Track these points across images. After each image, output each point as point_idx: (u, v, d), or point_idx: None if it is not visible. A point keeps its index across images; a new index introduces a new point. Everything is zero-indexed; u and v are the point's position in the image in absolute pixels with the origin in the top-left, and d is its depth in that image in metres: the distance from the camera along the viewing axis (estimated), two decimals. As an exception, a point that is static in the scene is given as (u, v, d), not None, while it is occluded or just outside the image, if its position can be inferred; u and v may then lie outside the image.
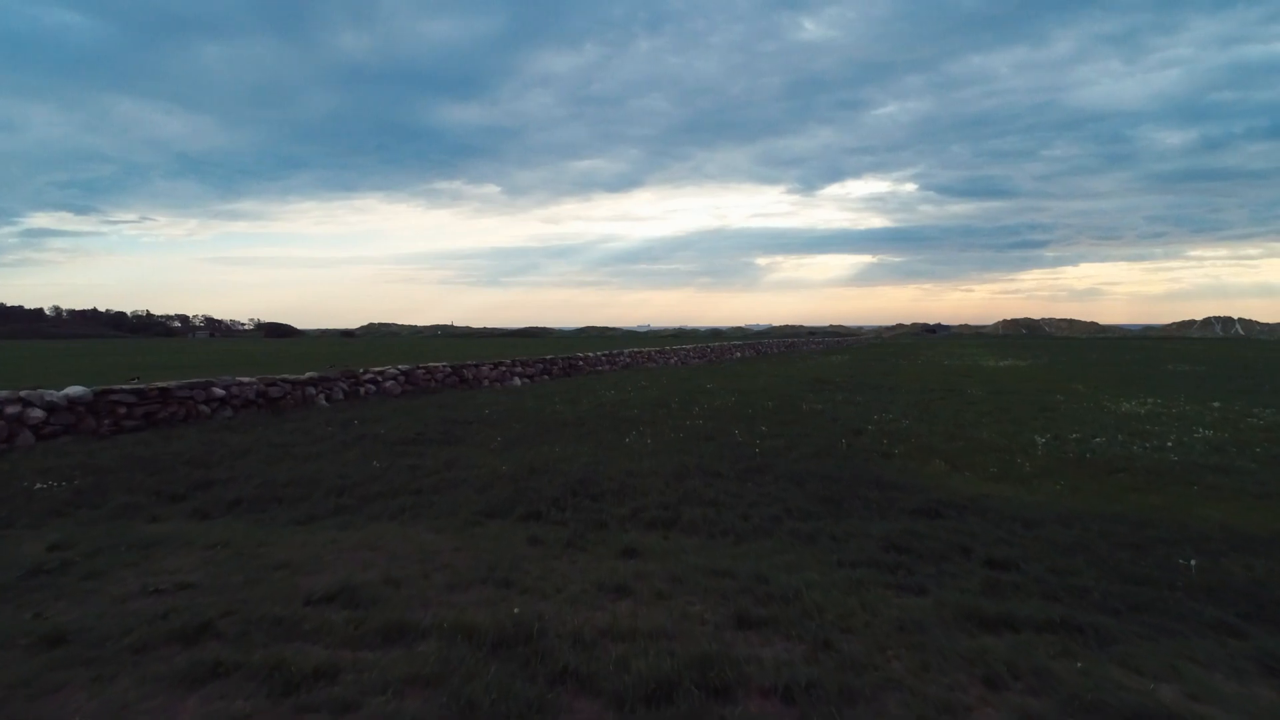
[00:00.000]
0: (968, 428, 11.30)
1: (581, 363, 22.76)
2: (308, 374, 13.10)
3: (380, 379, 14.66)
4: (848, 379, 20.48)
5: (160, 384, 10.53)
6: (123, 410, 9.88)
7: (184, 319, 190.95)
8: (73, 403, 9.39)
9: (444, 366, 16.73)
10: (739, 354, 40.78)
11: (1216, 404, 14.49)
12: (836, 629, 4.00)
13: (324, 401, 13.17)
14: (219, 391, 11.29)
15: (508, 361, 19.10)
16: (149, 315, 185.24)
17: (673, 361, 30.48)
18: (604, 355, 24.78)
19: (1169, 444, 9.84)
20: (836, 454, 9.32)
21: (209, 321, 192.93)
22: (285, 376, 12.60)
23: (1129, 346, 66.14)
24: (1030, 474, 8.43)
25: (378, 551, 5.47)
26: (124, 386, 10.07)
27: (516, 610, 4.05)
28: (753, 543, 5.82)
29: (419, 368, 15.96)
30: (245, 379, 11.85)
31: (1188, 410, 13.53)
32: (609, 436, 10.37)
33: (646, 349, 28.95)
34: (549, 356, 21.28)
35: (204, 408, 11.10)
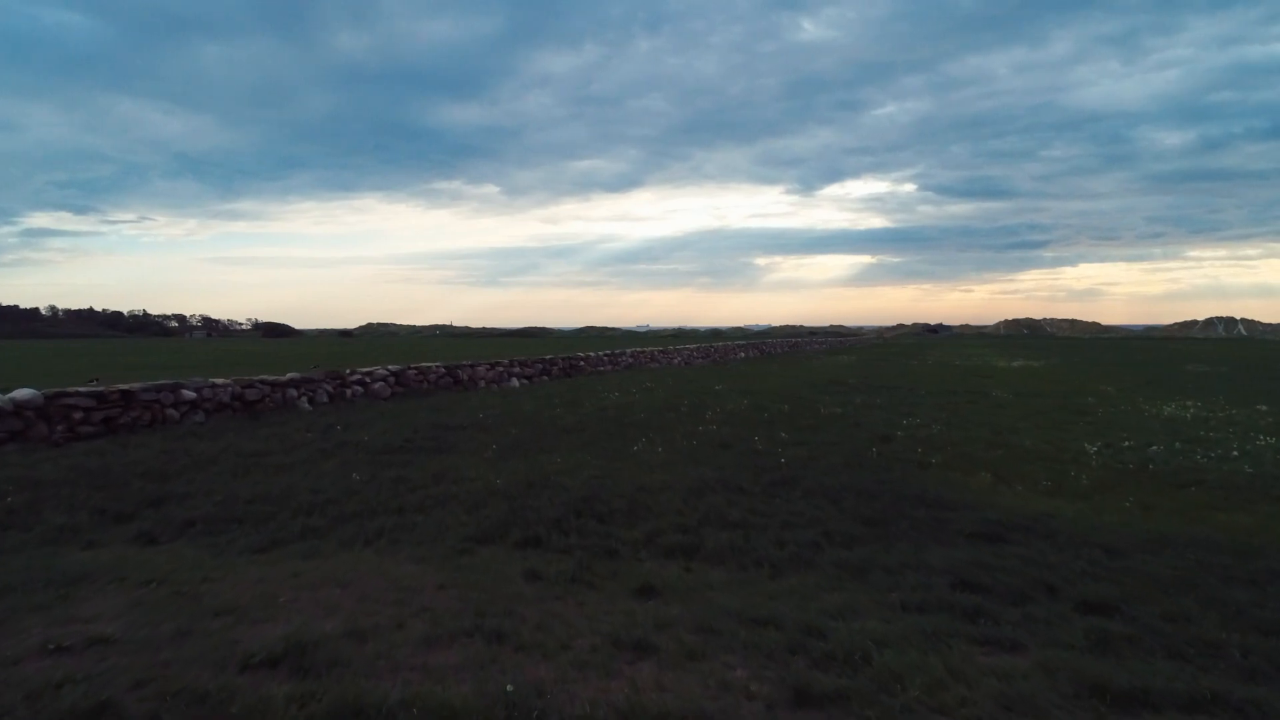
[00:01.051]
0: (1006, 434, 10.38)
1: (583, 363, 21.84)
2: (289, 375, 12.16)
3: (368, 380, 13.73)
4: (862, 380, 19.57)
5: (122, 386, 9.59)
6: (78, 415, 8.94)
7: (181, 319, 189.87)
8: (20, 407, 8.46)
9: (437, 367, 15.80)
10: (743, 354, 39.87)
11: (1264, 407, 13.59)
12: (926, 708, 3.08)
13: (306, 405, 12.24)
14: (189, 394, 10.35)
15: (505, 362, 18.17)
16: (146, 315, 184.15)
17: (676, 362, 29.56)
18: (606, 355, 23.85)
19: (1234, 453, 8.93)
20: (868, 464, 8.41)
21: (206, 321, 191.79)
22: (264, 378, 11.66)
23: (1137, 347, 65.28)
24: (1089, 488, 7.52)
25: (346, 590, 4.56)
26: (80, 389, 9.13)
27: (510, 687, 3.13)
28: (792, 576, 4.91)
29: (410, 368, 15.03)
30: (219, 381, 10.91)
31: (1235, 414, 12.62)
32: (615, 444, 9.44)
33: (649, 349, 28.02)
34: (548, 357, 20.36)
35: (172, 412, 10.16)
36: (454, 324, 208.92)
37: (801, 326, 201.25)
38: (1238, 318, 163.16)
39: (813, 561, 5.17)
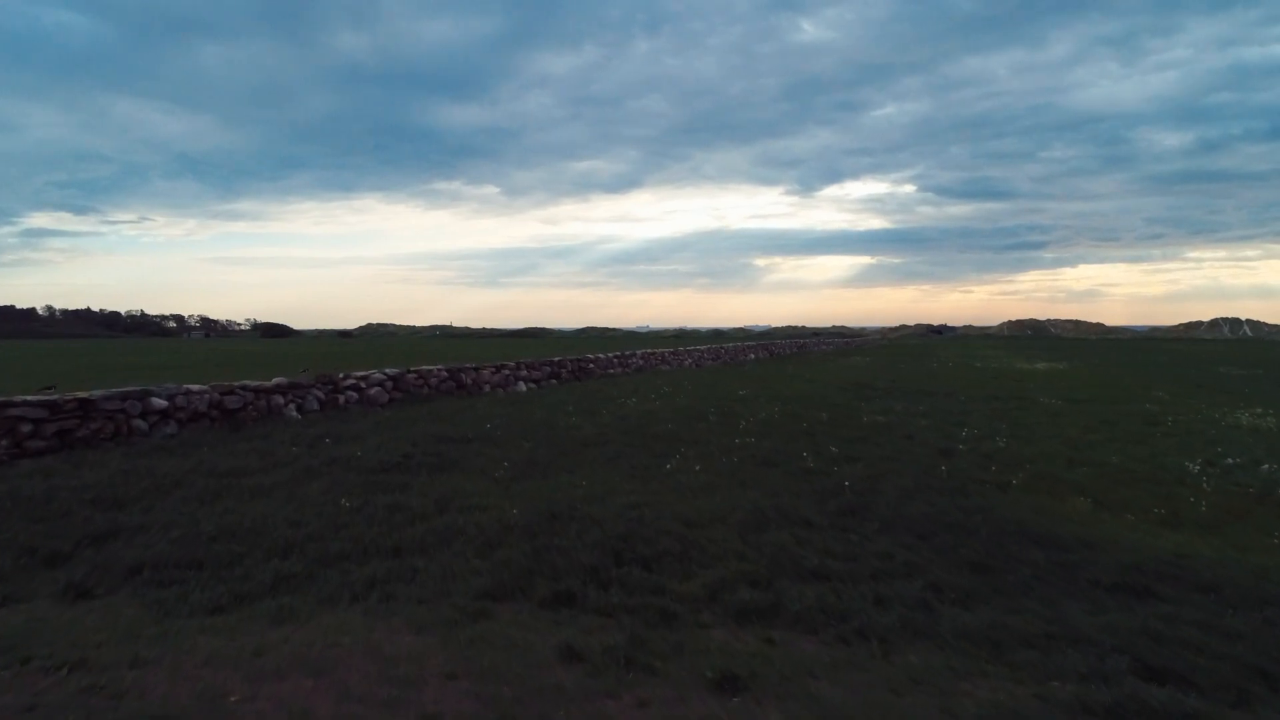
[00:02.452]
0: (1083, 448, 9.20)
1: (592, 365, 20.65)
2: (275, 380, 10.97)
3: (363, 385, 12.54)
4: (890, 384, 18.39)
5: (81, 394, 8.40)
6: (26, 429, 7.75)
7: (180, 319, 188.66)
8: (-45, 420, 7.28)
9: (439, 370, 14.61)
10: (753, 355, 38.72)
11: (1345, 415, 12.42)
12: None
13: (294, 413, 11.05)
14: (159, 403, 9.16)
15: (511, 364, 16.99)
16: (144, 315, 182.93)
17: (687, 363, 28.39)
18: (615, 357, 22.66)
19: (1362, 473, 7.75)
20: (941, 486, 7.23)
21: (205, 321, 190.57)
22: (246, 383, 10.46)
23: (1152, 348, 64.11)
24: (1212, 518, 6.36)
25: (321, 681, 3.39)
26: (29, 398, 7.93)
27: None
28: (909, 652, 3.73)
29: (410, 371, 13.84)
30: (195, 387, 9.71)
31: (1320, 424, 11.45)
32: (644, 460, 8.27)
33: (660, 350, 26.84)
34: (556, 359, 19.17)
35: (139, 423, 8.98)
36: (453, 324, 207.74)
37: (805, 327, 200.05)
38: (1244, 319, 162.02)
39: (929, 629, 3.99)
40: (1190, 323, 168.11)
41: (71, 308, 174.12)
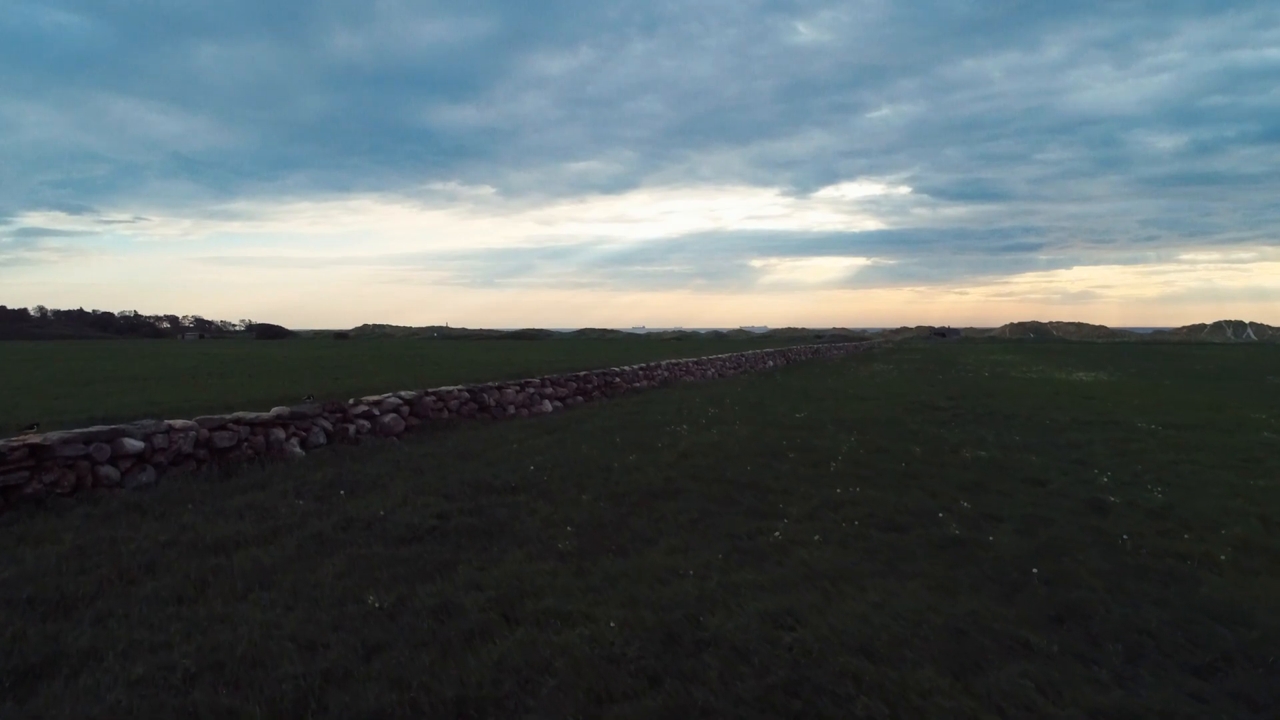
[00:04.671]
0: (1259, 499, 7.56)
1: (618, 379, 18.96)
2: (274, 411, 9.24)
3: (376, 412, 10.84)
4: (950, 402, 16.72)
5: (33, 439, 6.68)
6: (-45, 488, 6.07)
7: (173, 320, 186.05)
8: None
9: (459, 391, 12.91)
10: (771, 362, 37.09)
11: None
12: None
13: (297, 448, 9.34)
14: (134, 444, 7.45)
15: (536, 381, 15.29)
16: (137, 316, 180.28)
17: (710, 373, 26.74)
18: (641, 369, 20.96)
19: None
20: (1136, 564, 5.58)
21: (199, 322, 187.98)
22: (241, 415, 8.74)
23: (1173, 353, 62.66)
24: None
25: None
26: (-40, 448, 6.24)
27: None
28: None
29: (427, 393, 12.15)
30: (178, 423, 7.99)
31: None
32: (740, 523, 6.60)
33: (684, 360, 25.17)
34: (582, 373, 17.48)
35: (108, 470, 7.26)
36: (450, 325, 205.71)
37: (805, 329, 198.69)
38: (1248, 322, 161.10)
39: None
40: (1194, 326, 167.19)
41: (64, 308, 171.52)
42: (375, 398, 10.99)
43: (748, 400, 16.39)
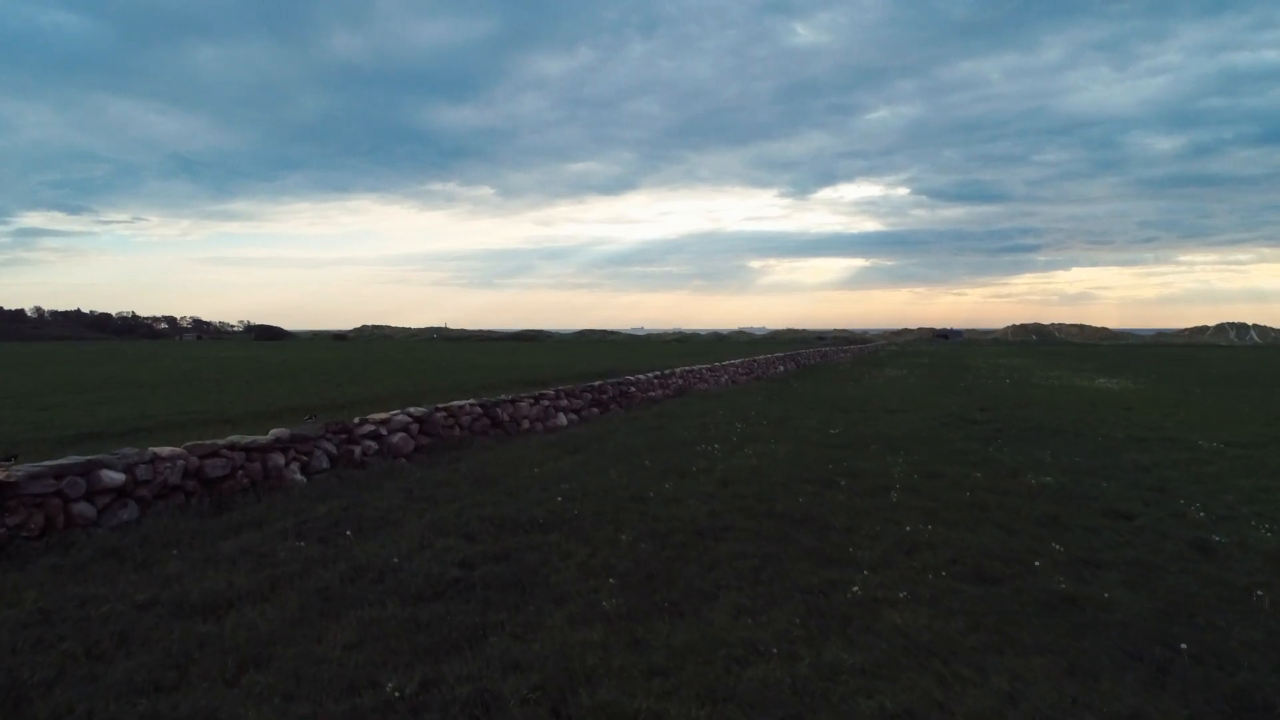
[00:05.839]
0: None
1: (634, 389, 18.09)
2: (272, 434, 8.37)
3: (384, 431, 9.96)
4: (985, 415, 15.87)
5: (-4, 475, 5.82)
6: (-100, 537, 5.21)
7: (171, 321, 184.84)
8: None
9: (471, 406, 12.04)
10: (781, 367, 36.25)
11: None
12: None
13: (298, 475, 8.47)
14: (113, 477, 6.58)
15: (550, 393, 14.42)
16: (134, 317, 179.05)
17: (724, 380, 25.89)
18: (655, 378, 20.09)
19: None
20: (1297, 636, 4.73)
21: (197, 323, 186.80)
22: (234, 440, 7.87)
23: (1188, 356, 61.93)
24: None
25: None
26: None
27: None
28: None
29: (438, 409, 11.28)
30: (164, 451, 7.11)
31: None
32: (807, 574, 5.74)
33: (697, 367, 24.31)
34: (596, 383, 16.61)
35: (84, 507, 6.39)
36: (449, 326, 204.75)
37: (805, 330, 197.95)
38: (1248, 324, 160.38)
39: None
40: (1196, 327, 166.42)
41: (61, 309, 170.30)
42: (382, 415, 10.11)
43: (772, 414, 15.52)
